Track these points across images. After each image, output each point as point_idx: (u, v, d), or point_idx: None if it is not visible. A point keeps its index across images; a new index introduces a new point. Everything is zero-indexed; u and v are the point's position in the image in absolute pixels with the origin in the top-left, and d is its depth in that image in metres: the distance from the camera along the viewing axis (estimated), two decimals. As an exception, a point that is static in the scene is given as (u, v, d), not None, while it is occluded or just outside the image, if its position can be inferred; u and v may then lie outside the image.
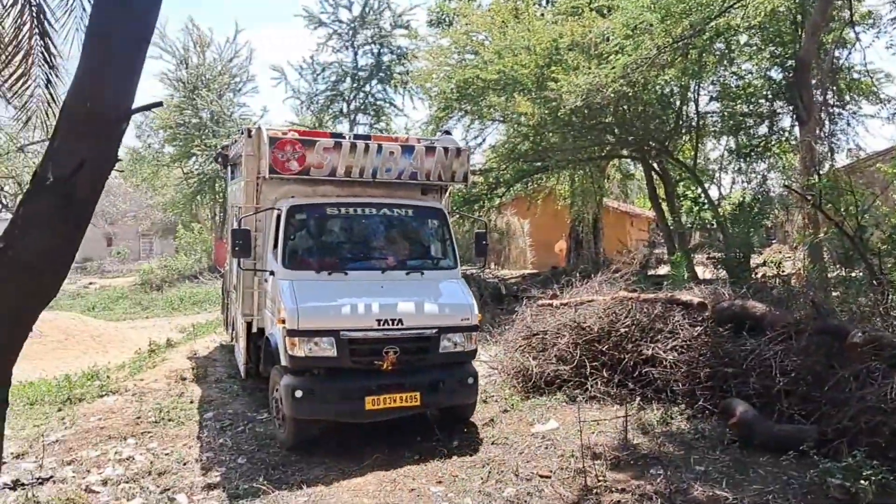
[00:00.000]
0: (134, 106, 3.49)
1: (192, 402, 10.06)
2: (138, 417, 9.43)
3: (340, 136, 9.25)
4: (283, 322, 7.53)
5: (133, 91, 3.44)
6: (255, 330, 9.37)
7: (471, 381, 8.17)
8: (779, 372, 7.67)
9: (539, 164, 19.87)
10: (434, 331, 7.85)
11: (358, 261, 8.58)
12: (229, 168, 13.01)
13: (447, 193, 9.91)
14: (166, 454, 8.05)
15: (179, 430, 8.90)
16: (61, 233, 3.28)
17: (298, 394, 7.43)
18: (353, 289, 7.91)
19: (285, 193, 8.80)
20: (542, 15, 19.80)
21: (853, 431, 6.55)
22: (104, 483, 7.22)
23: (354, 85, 29.72)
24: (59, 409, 10.04)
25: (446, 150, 9.05)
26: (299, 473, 7.30)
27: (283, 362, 7.69)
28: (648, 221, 33.60)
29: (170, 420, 9.29)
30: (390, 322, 7.63)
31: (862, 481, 5.77)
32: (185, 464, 7.73)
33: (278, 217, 8.52)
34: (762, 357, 8.00)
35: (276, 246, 8.46)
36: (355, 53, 29.82)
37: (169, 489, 7.04)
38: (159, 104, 4.03)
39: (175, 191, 37.38)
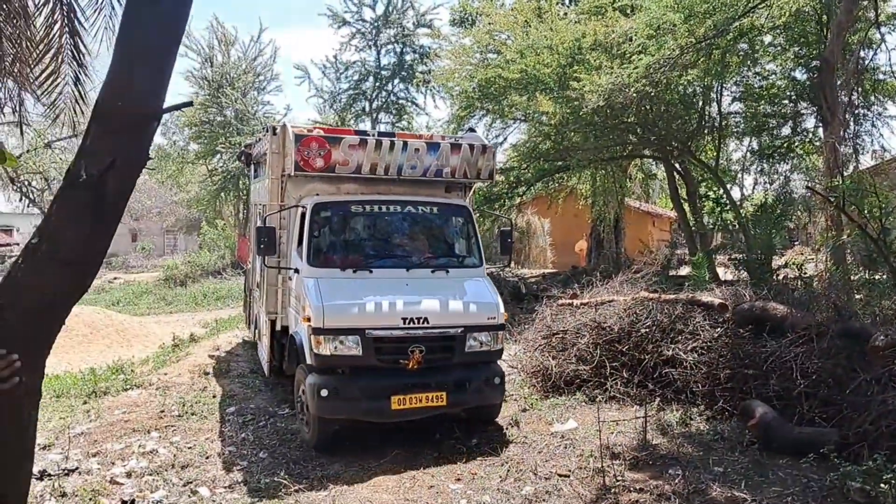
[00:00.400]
0: (164, 105, 3.57)
1: (214, 397, 10.19)
2: (162, 411, 9.58)
3: (365, 133, 9.35)
4: (309, 320, 7.51)
5: (164, 90, 3.52)
6: (279, 328, 9.38)
7: (497, 380, 8.08)
8: (799, 374, 7.64)
9: (560, 163, 19.84)
10: (460, 330, 7.78)
11: (383, 258, 8.52)
12: (252, 166, 13.03)
13: (471, 191, 9.89)
14: (189, 448, 8.17)
15: (202, 424, 9.03)
16: (93, 228, 3.36)
17: (324, 392, 7.37)
18: (378, 287, 7.86)
19: (310, 191, 8.82)
20: (565, 14, 19.74)
21: (874, 435, 6.52)
22: (128, 475, 7.34)
23: (377, 84, 29.88)
24: (85, 402, 10.21)
25: (472, 146, 9.02)
26: (320, 469, 7.39)
27: (309, 360, 7.65)
28: (670, 222, 33.41)
29: (193, 414, 9.42)
30: (416, 321, 7.59)
31: (882, 485, 5.75)
32: (207, 457, 7.84)
33: (303, 215, 8.52)
34: (783, 359, 7.97)
35: (300, 244, 8.47)
36: (378, 52, 30.00)
37: (192, 482, 7.15)
38: (189, 104, 4.10)
39: (199, 188, 37.74)
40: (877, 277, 11.14)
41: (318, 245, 8.34)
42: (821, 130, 16.73)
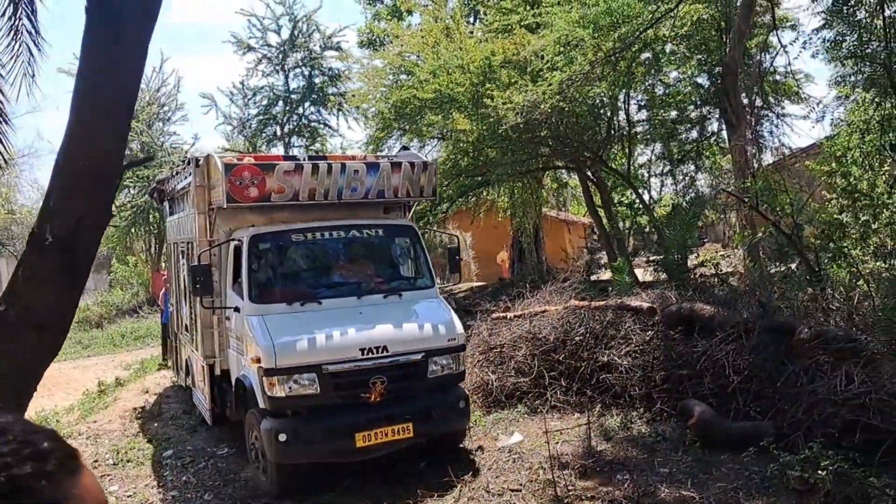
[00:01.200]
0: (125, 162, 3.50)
1: (149, 442, 9.84)
2: (95, 461, 9.19)
3: (295, 158, 9.14)
4: (258, 361, 7.02)
5: (123, 147, 3.46)
6: (217, 372, 8.79)
7: (462, 404, 7.79)
8: (732, 371, 7.94)
9: (480, 178, 20.07)
10: (421, 355, 7.46)
11: (331, 288, 8.12)
12: (166, 203, 12.17)
13: (411, 211, 9.66)
14: (129, 496, 7.89)
15: (140, 471, 8.73)
16: (64, 289, 3.26)
17: (282, 437, 6.86)
18: (329, 318, 7.44)
19: (241, 223, 8.41)
20: (472, 33, 20.06)
21: (807, 424, 6.83)
22: (66, 533, 7.00)
23: (287, 108, 29.57)
24: (9, 460, 9.69)
25: (412, 164, 8.75)
26: (270, 507, 7.24)
27: (262, 404, 7.13)
28: (584, 228, 34.21)
29: (128, 461, 9.09)
30: (374, 350, 7.23)
31: (820, 471, 5.99)
32: (149, 505, 7.57)
33: (237, 249, 8.07)
34: (714, 357, 8.27)
35: (237, 280, 8.01)
36: (286, 76, 29.71)
37: (136, 533, 6.90)
38: (151, 158, 4.02)
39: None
40: (790, 271, 11.66)
41: (259, 280, 7.88)
42: (724, 133, 17.47)
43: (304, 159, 8.71)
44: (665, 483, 6.70)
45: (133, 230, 33.17)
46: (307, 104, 29.71)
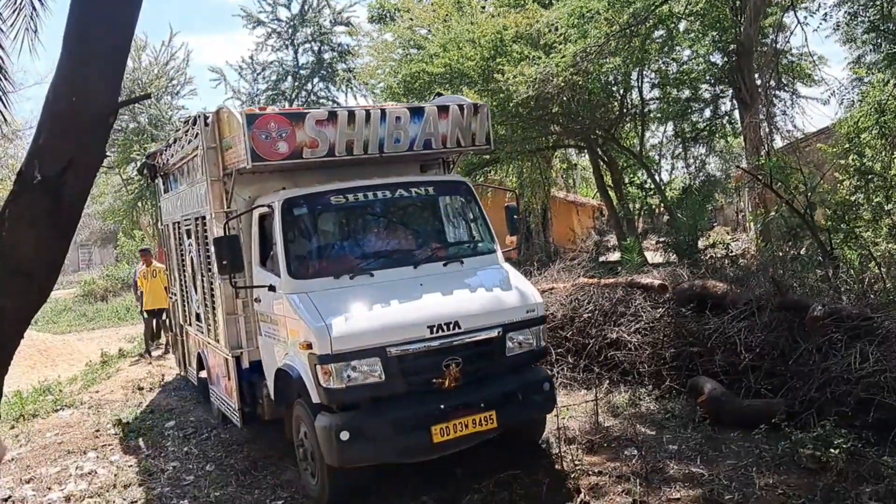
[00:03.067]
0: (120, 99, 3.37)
1: (152, 412, 9.80)
2: (97, 430, 9.16)
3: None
4: (309, 347, 5.97)
5: (119, 84, 3.33)
6: (245, 365, 7.63)
7: (547, 386, 6.71)
8: (743, 348, 7.82)
9: (487, 156, 19.92)
10: (498, 331, 6.36)
11: (383, 257, 6.94)
12: (160, 179, 10.69)
13: (454, 168, 8.56)
14: (130, 466, 7.84)
15: (141, 441, 8.66)
16: (51, 233, 3.14)
17: (344, 435, 5.80)
18: (386, 292, 6.36)
19: (261, 189, 7.36)
20: (484, 8, 19.83)
21: (820, 402, 6.70)
22: (67, 500, 7.00)
23: (296, 83, 29.49)
24: (12, 427, 9.69)
25: (461, 107, 7.52)
26: (272, 477, 7.16)
27: (315, 398, 6.04)
28: (593, 210, 34.00)
29: (130, 431, 9.03)
30: (445, 327, 6.12)
31: (832, 450, 5.89)
32: (150, 474, 7.53)
33: (263, 218, 7.10)
34: (726, 335, 8.15)
35: (266, 254, 7.04)
36: (295, 52, 29.63)
37: (137, 501, 6.84)
38: (147, 96, 3.89)
39: (114, 198, 36.40)
40: (802, 251, 11.54)
41: (297, 251, 6.74)
42: (736, 113, 17.26)
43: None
44: (674, 460, 6.61)
45: (140, 204, 33.15)
46: (316, 79, 29.61)
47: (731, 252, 13.59)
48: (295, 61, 29.61)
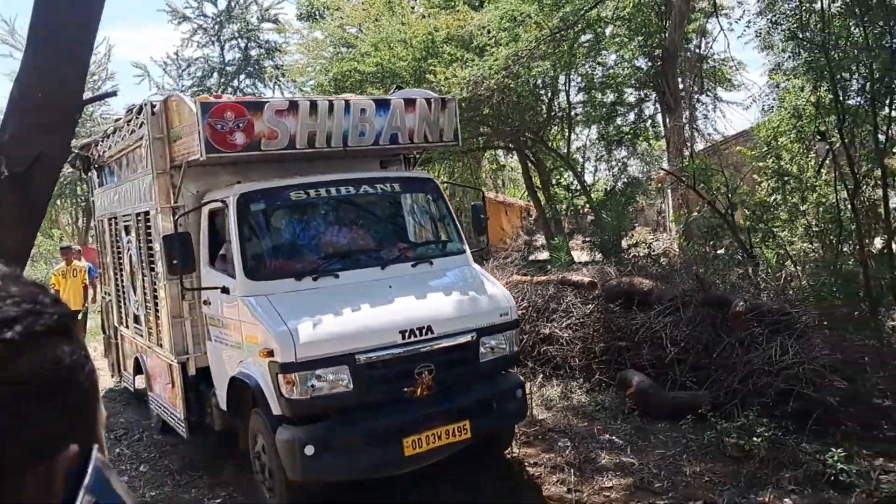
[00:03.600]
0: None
1: (78, 414, 9.50)
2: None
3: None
4: (270, 354, 5.44)
5: (84, 81, 3.28)
6: (192, 372, 7.00)
7: (520, 393, 6.39)
8: (669, 343, 8.10)
9: (419, 156, 20.04)
10: (472, 335, 5.99)
11: (347, 257, 6.48)
12: (95, 171, 10.02)
13: (415, 164, 8.22)
14: (58, 470, 7.59)
15: (68, 444, 8.40)
16: (18, 228, 3.07)
17: (309, 450, 5.33)
18: (353, 295, 5.91)
19: (211, 184, 6.82)
20: (414, 9, 19.95)
21: (743, 393, 7.01)
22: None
23: (222, 80, 28.99)
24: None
25: (429, 101, 7.12)
26: (209, 476, 7.05)
27: (276, 410, 5.52)
28: (521, 210, 34.51)
29: (57, 434, 8.74)
30: (417, 332, 5.72)
31: (755, 438, 6.18)
32: (79, 477, 7.31)
33: (213, 214, 6.59)
34: (653, 329, 8.42)
35: (215, 253, 6.55)
36: (222, 48, 29.13)
37: (66, 504, 6.65)
38: (114, 93, 3.83)
39: (28, 196, 35.04)
40: (720, 250, 12.05)
41: (254, 250, 6.24)
42: (659, 117, 17.85)
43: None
44: (605, 450, 6.81)
45: (59, 202, 32.04)
46: (242, 76, 29.17)
47: (654, 251, 14.05)
48: (221, 58, 29.14)
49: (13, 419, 0.70)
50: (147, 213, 7.43)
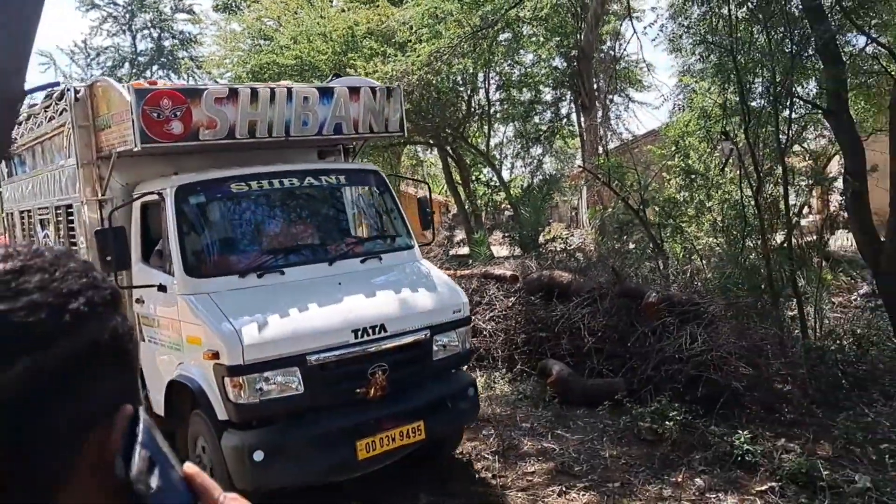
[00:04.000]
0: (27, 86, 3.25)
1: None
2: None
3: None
4: (216, 356, 5.14)
5: (25, 69, 3.20)
6: None
7: (472, 392, 6.23)
8: (587, 333, 8.42)
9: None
10: (425, 333, 5.82)
11: (294, 252, 6.19)
12: (2, 161, 9.22)
13: (355, 155, 7.98)
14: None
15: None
16: None
17: (258, 456, 5.05)
18: (301, 293, 5.67)
19: (140, 175, 6.42)
20: (332, 2, 19.86)
21: (656, 380, 7.36)
22: None
23: (134, 70, 28.16)
24: None
25: (374, 90, 6.86)
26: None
27: (222, 415, 5.23)
28: (440, 205, 34.78)
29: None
30: (371, 331, 5.52)
31: (667, 422, 6.50)
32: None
33: (145, 208, 6.25)
34: (571, 320, 8.73)
35: (148, 249, 6.22)
36: (133, 37, 28.29)
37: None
38: (57, 84, 3.75)
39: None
40: (632, 245, 12.51)
41: (195, 246, 5.89)
42: (574, 116, 18.35)
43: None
44: (527, 437, 7.04)
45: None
46: (155, 67, 28.40)
47: (570, 246, 14.46)
48: (133, 47, 28.32)
49: (82, 382, 0.77)
50: (69, 206, 7.05)
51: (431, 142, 21.15)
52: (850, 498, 5.30)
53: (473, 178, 21.55)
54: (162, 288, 5.81)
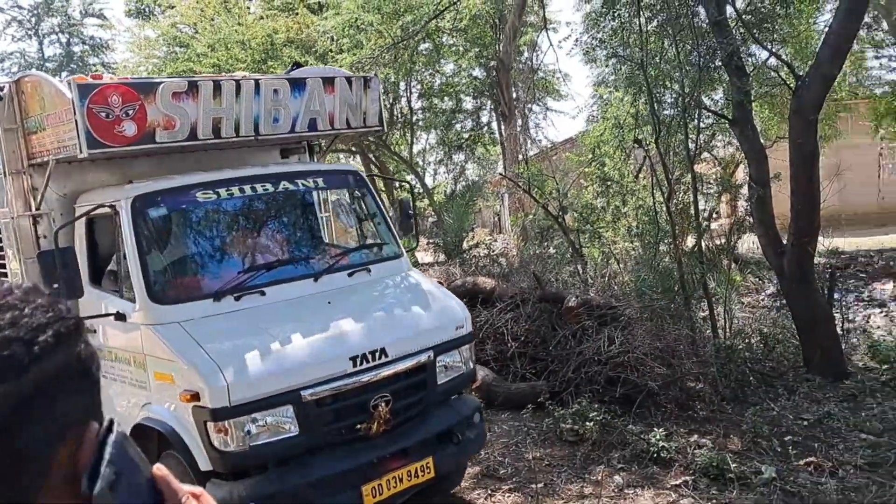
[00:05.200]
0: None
1: None
2: None
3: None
4: (195, 398, 4.38)
5: None
6: None
7: (478, 418, 5.57)
8: (510, 337, 8.60)
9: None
10: (429, 354, 5.14)
11: (273, 268, 5.34)
12: None
13: (323, 153, 7.25)
14: None
15: None
16: None
17: None
18: (287, 316, 4.97)
19: (81, 185, 5.57)
20: (250, 9, 19.68)
21: (577, 382, 7.59)
22: None
23: (41, 77, 27.17)
24: None
25: (349, 80, 6.07)
26: None
27: (205, 465, 4.47)
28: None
29: None
30: (371, 357, 4.81)
31: (588, 423, 6.73)
32: None
33: (91, 222, 5.37)
34: (495, 326, 8.89)
35: (97, 270, 5.36)
36: (40, 43, 27.31)
37: None
38: None
39: None
40: (552, 250, 12.81)
41: (158, 266, 5.09)
42: (495, 124, 18.67)
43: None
44: (453, 442, 7.16)
45: None
46: (64, 73, 27.47)
47: (493, 251, 14.70)
48: (40, 53, 27.34)
49: (51, 403, 0.86)
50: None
51: (354, 149, 21.14)
52: (756, 488, 5.63)
53: (397, 184, 21.65)
54: (120, 316, 4.97)
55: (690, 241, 9.61)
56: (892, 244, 16.13)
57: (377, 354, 4.84)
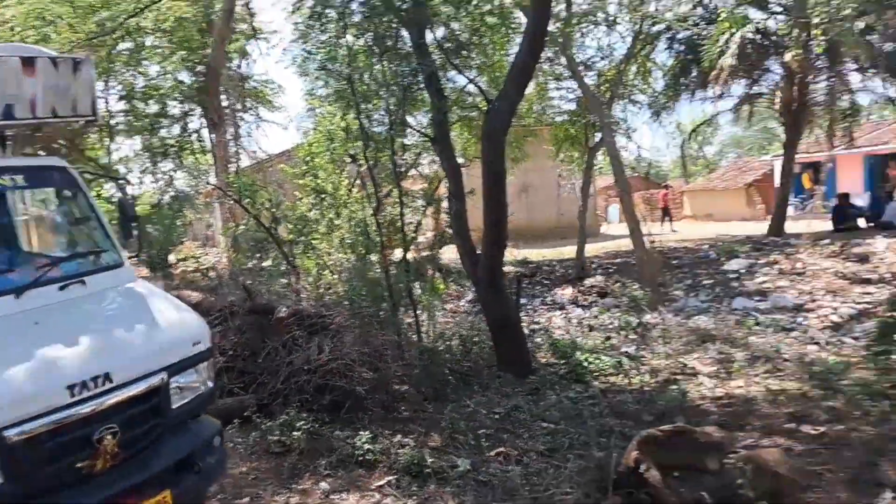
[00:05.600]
0: None
1: None
2: None
3: None
4: None
5: None
6: None
7: (218, 441, 5.03)
8: (218, 352, 8.34)
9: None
10: (162, 376, 4.45)
11: None
12: None
13: (13, 146, 5.51)
14: None
15: None
16: None
17: None
18: None
19: None
20: None
21: (286, 392, 7.56)
22: None
23: None
24: None
25: (55, 61, 5.05)
26: None
27: None
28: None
29: None
30: (92, 384, 4.02)
31: (295, 433, 6.76)
32: None
33: None
34: (201, 341, 8.57)
35: None
36: None
37: None
38: None
39: None
40: (266, 262, 12.67)
41: None
42: (205, 131, 18.02)
43: None
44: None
45: None
46: None
47: (203, 265, 14.19)
48: None
49: None
50: None
51: (42, 153, 19.20)
52: (453, 481, 6.01)
53: (95, 193, 19.99)
54: None
55: (398, 252, 10.04)
56: (570, 255, 18.10)
57: (100, 380, 4.07)
